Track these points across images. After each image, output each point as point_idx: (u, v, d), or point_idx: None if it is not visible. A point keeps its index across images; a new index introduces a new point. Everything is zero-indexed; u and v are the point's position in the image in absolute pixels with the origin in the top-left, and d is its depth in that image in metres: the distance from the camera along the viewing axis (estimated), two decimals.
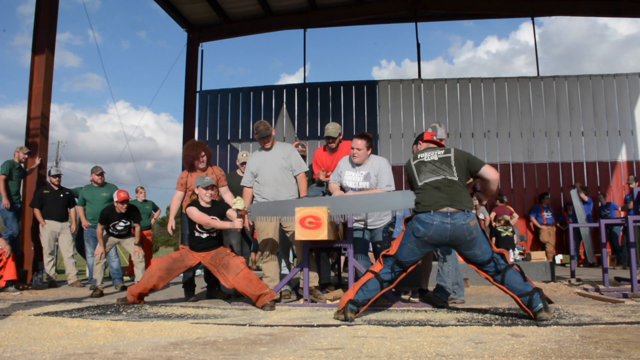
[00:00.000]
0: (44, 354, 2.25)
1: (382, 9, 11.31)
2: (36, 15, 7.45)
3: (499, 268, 3.29)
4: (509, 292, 3.28)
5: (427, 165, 3.49)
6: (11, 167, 6.69)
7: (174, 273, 4.37)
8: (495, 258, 3.31)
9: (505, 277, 3.26)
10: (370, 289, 3.37)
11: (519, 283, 3.23)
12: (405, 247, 3.37)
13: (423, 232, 3.31)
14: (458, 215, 3.28)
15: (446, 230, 3.28)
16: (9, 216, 6.65)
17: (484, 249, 3.32)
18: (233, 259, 4.23)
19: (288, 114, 11.63)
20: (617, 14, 11.04)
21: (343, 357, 2.14)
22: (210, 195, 4.42)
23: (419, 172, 3.50)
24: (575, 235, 8.99)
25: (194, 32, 11.61)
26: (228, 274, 4.14)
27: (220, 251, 4.35)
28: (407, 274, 3.48)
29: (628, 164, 10.75)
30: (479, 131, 11.12)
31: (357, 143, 4.40)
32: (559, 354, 2.14)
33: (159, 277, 4.28)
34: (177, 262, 4.34)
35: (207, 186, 4.39)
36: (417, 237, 3.33)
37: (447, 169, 3.44)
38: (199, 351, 2.30)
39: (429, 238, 3.32)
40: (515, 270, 3.29)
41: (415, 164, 3.56)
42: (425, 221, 3.31)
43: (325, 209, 3.86)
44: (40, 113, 7.19)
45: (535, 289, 3.20)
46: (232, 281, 4.11)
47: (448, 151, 3.52)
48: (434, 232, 3.29)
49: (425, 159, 3.53)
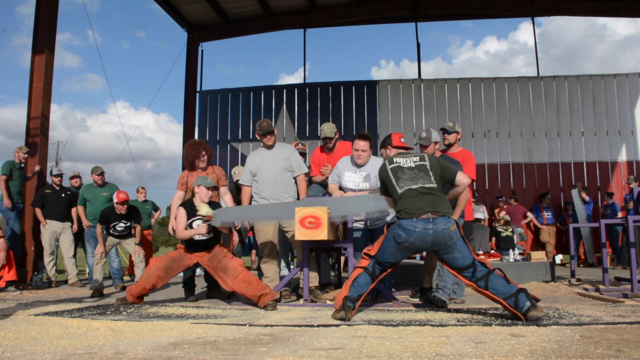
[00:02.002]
0: (44, 354, 2.25)
1: (382, 9, 11.32)
2: (36, 16, 7.45)
3: (479, 275, 3.30)
4: (494, 297, 3.26)
5: (405, 171, 3.53)
6: (12, 168, 6.69)
7: (172, 272, 4.36)
8: (476, 264, 3.33)
9: (489, 282, 3.27)
10: (362, 283, 3.45)
11: (502, 286, 3.24)
12: (387, 250, 3.44)
13: (404, 238, 3.35)
14: (439, 221, 3.33)
15: (428, 236, 3.32)
16: (11, 216, 6.66)
17: (464, 254, 3.35)
18: (231, 262, 4.21)
19: (288, 114, 11.63)
20: (617, 14, 11.04)
21: (343, 357, 2.14)
22: (210, 196, 4.41)
23: (397, 178, 3.53)
24: (576, 235, 8.99)
25: (194, 32, 11.61)
26: (227, 277, 4.13)
27: (217, 252, 4.32)
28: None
29: (628, 164, 10.75)
30: (479, 131, 11.11)
31: (360, 144, 4.38)
32: (559, 354, 2.14)
33: (157, 276, 4.27)
34: (176, 261, 4.34)
35: (210, 187, 4.39)
36: (398, 243, 3.39)
37: (425, 176, 3.50)
38: (199, 351, 2.30)
39: (410, 244, 3.37)
40: (497, 274, 3.30)
41: (391, 168, 3.58)
42: (408, 228, 3.34)
43: (325, 209, 3.86)
44: (40, 113, 7.20)
45: (520, 289, 3.20)
46: (231, 284, 4.11)
47: (422, 158, 3.60)
48: (416, 239, 3.34)
49: (402, 165, 3.57)
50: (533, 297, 3.21)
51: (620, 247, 9.09)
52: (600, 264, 6.33)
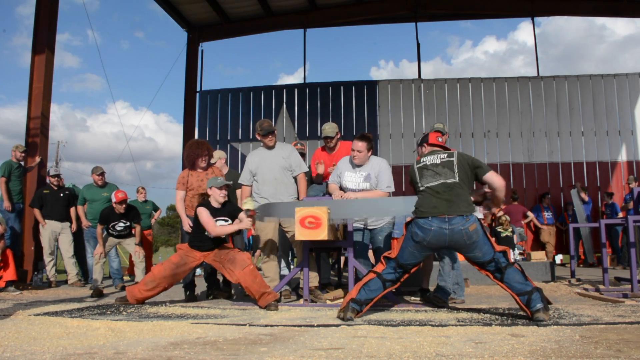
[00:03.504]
0: (44, 354, 2.25)
1: (382, 9, 11.31)
2: (36, 16, 7.45)
3: (500, 266, 3.30)
4: (508, 290, 3.30)
5: (429, 168, 3.51)
6: (10, 168, 6.67)
7: (178, 277, 4.37)
8: (497, 258, 3.32)
9: (505, 275, 3.28)
10: (372, 288, 3.39)
11: (518, 282, 3.24)
12: (406, 251, 3.40)
13: (422, 236, 3.33)
14: (456, 220, 3.29)
15: (444, 235, 3.30)
16: (10, 217, 6.65)
17: (484, 251, 3.32)
18: (239, 254, 4.23)
19: (288, 114, 11.63)
20: (617, 14, 11.04)
21: (343, 357, 2.14)
22: (224, 196, 4.38)
23: (421, 175, 3.51)
24: (575, 235, 8.99)
25: (194, 32, 11.61)
26: (235, 268, 4.11)
27: (224, 247, 4.33)
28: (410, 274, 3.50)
29: (628, 164, 10.75)
30: (479, 131, 11.11)
31: (357, 145, 4.39)
32: (559, 354, 2.14)
33: (164, 287, 4.32)
34: (180, 266, 4.31)
35: (221, 186, 4.37)
36: (416, 242, 3.36)
37: (447, 172, 3.43)
38: (199, 351, 2.30)
39: (428, 243, 3.34)
40: (515, 268, 3.30)
41: (418, 167, 3.57)
42: (424, 226, 3.32)
43: (325, 209, 3.86)
44: (40, 113, 7.19)
45: (535, 289, 3.21)
46: (238, 275, 4.08)
47: (451, 155, 3.53)
48: (432, 237, 3.31)
49: (427, 163, 3.55)
50: (547, 299, 3.22)
51: (620, 247, 9.09)
52: (600, 264, 6.33)
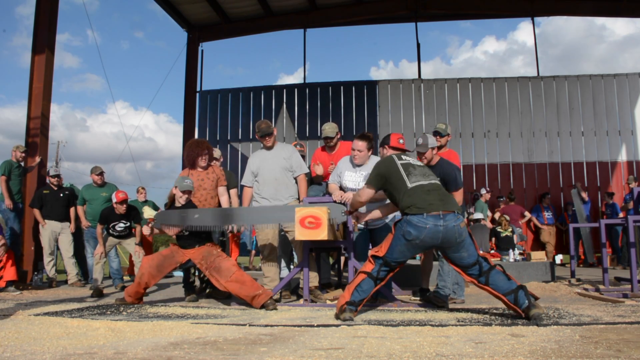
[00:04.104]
0: (44, 354, 2.25)
1: (382, 9, 11.32)
2: (36, 16, 7.45)
3: (483, 270, 3.33)
4: (494, 293, 3.30)
5: (417, 168, 3.54)
6: (10, 168, 6.68)
7: (164, 270, 4.37)
8: (480, 261, 3.35)
9: (490, 278, 3.30)
10: (365, 288, 3.40)
11: (503, 282, 3.27)
12: (396, 250, 3.38)
13: (415, 235, 3.29)
14: (449, 217, 3.30)
15: (438, 232, 3.28)
16: (10, 216, 6.65)
17: (470, 252, 3.35)
18: (224, 262, 4.21)
19: (288, 114, 11.63)
20: (616, 14, 11.04)
21: (343, 357, 2.14)
22: (185, 199, 4.43)
23: (408, 173, 3.49)
24: (575, 235, 9.00)
25: (194, 32, 11.61)
26: (220, 277, 4.13)
27: (210, 251, 4.31)
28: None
29: (628, 164, 10.76)
30: (479, 131, 11.11)
31: (357, 144, 4.39)
32: (559, 354, 2.14)
33: (149, 274, 4.28)
34: (167, 259, 4.36)
35: (184, 190, 4.43)
36: (409, 241, 3.31)
37: (432, 175, 3.56)
38: (199, 351, 2.30)
39: (421, 241, 3.31)
40: (498, 270, 3.33)
41: (402, 164, 3.55)
42: (418, 225, 3.29)
43: (325, 209, 3.85)
44: (41, 113, 7.19)
45: (520, 286, 3.23)
46: (224, 284, 4.11)
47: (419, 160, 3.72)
48: (426, 236, 3.29)
49: (412, 162, 3.58)
50: (532, 294, 3.22)
51: (620, 247, 9.09)
52: (600, 264, 6.33)
